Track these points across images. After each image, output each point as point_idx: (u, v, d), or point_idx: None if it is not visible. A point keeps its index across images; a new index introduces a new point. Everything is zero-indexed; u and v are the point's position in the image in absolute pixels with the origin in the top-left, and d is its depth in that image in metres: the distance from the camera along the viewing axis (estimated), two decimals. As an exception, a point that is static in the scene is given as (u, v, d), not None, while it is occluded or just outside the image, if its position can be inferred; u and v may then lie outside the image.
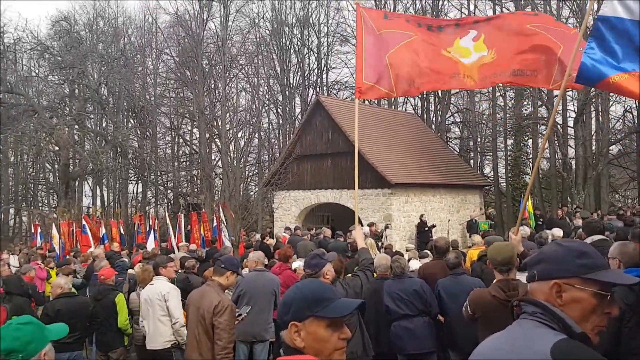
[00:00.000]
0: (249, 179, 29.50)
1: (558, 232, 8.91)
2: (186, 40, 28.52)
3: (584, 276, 1.54)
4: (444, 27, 5.22)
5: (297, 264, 7.85)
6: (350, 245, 10.12)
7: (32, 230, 23.09)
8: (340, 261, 5.13)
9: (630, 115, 26.43)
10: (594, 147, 23.53)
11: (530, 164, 26.67)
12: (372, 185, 19.30)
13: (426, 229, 18.06)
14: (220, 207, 15.23)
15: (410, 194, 19.89)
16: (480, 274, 6.08)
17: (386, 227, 17.31)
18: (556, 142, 23.73)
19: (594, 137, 24.26)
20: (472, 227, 19.00)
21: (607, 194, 24.96)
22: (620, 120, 26.73)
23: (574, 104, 25.15)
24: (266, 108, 32.33)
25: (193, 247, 11.98)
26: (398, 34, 5.01)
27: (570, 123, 24.31)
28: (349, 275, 5.00)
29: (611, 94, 20.26)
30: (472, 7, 29.13)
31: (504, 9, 27.33)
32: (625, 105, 25.47)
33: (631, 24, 4.05)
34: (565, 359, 1.38)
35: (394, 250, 10.66)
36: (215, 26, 30.69)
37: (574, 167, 24.11)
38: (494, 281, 3.91)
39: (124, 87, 28.90)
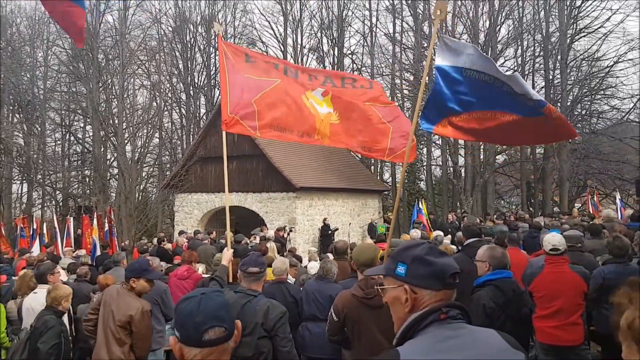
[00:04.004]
0: (147, 181, 28.28)
1: (443, 236, 9.52)
2: (81, 31, 26.68)
3: None
4: (300, 75, 5.44)
5: (198, 268, 7.63)
6: (254, 249, 10.03)
7: None
8: (235, 264, 5.06)
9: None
10: (481, 156, 25.38)
11: (425, 171, 28.26)
12: (277, 188, 19.31)
13: (329, 232, 18.41)
14: (112, 211, 14.38)
15: (315, 197, 20.16)
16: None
17: (290, 230, 17.38)
18: (447, 151, 25.28)
19: (481, 147, 26.18)
20: (371, 230, 19.63)
21: (493, 200, 27.06)
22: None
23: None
24: (168, 107, 31.19)
25: (82, 252, 11.18)
26: (262, 81, 5.14)
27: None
28: None
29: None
30: (374, 20, 30.29)
31: (404, 23, 28.76)
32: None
33: (457, 71, 4.53)
34: (517, 346, 1.59)
35: (296, 253, 10.76)
36: (113, 19, 29.12)
37: (463, 174, 25.82)
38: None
39: (10, 80, 26.46)
